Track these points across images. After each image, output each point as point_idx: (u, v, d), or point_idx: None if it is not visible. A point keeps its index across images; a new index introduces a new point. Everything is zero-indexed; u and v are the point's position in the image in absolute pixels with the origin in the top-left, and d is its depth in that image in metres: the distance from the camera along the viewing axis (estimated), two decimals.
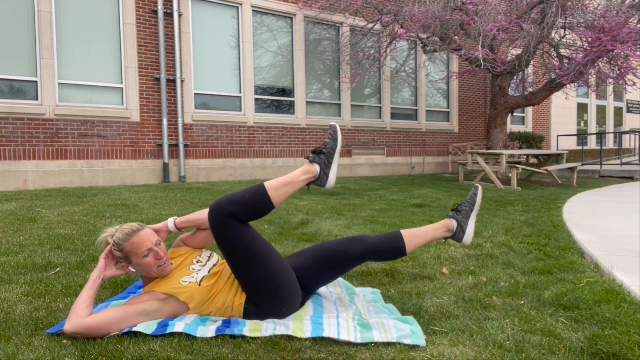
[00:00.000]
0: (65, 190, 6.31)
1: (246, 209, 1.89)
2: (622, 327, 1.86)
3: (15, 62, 6.70)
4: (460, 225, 2.20)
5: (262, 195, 1.93)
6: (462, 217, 2.22)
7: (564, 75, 8.09)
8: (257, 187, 1.95)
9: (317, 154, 2.08)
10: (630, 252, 3.08)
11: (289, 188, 1.99)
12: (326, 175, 2.07)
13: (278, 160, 9.13)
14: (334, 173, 2.09)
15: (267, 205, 1.94)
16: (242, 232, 1.90)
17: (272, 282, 1.91)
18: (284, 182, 1.99)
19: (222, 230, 1.88)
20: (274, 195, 1.94)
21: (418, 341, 1.74)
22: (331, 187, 2.09)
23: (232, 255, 1.91)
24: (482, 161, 8.34)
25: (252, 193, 1.93)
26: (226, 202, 1.88)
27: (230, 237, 1.89)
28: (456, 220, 2.21)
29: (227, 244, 1.90)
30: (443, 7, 8.15)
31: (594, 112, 17.02)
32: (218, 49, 8.49)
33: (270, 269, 1.91)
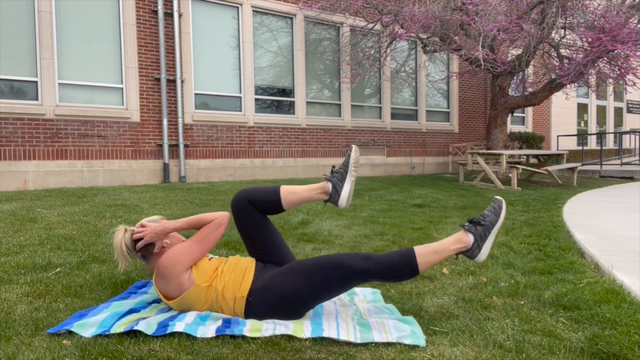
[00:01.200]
0: (65, 190, 6.31)
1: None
2: (622, 327, 1.86)
3: (15, 62, 6.70)
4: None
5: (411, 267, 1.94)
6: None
7: (564, 75, 8.09)
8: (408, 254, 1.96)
9: (474, 224, 2.00)
10: (630, 252, 3.08)
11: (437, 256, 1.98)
12: (479, 248, 1.99)
13: (278, 160, 9.13)
14: (487, 248, 2.00)
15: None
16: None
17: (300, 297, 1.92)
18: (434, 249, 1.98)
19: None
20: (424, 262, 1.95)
21: (418, 341, 1.74)
22: (481, 262, 2.03)
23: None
24: (482, 161, 8.34)
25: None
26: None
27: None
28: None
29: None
30: (443, 7, 8.15)
31: (594, 112, 17.02)
32: (218, 49, 8.49)
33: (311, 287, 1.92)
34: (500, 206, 2.03)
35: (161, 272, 1.92)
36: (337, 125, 9.93)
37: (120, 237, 2.01)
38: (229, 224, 2.02)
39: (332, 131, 9.87)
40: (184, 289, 1.93)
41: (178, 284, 1.92)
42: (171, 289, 1.93)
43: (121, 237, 2.01)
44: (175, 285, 1.92)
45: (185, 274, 1.93)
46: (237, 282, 1.96)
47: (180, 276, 1.92)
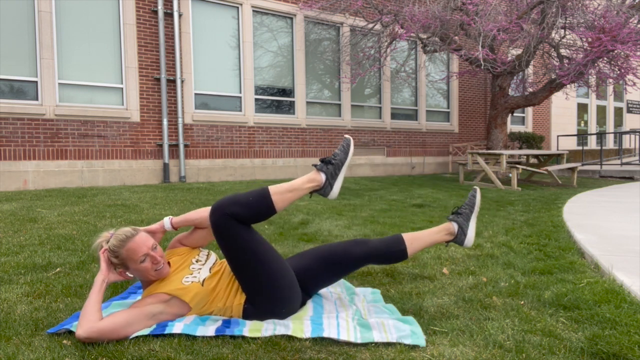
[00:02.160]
0: (65, 190, 6.31)
1: (248, 211, 1.89)
2: (622, 327, 1.86)
3: (15, 62, 6.70)
4: (461, 227, 2.21)
5: (265, 199, 1.92)
6: (463, 219, 2.23)
7: (564, 75, 8.09)
8: (260, 190, 1.95)
9: (325, 163, 2.08)
10: (630, 252, 3.08)
11: (292, 194, 1.98)
12: (330, 185, 2.06)
13: (278, 160, 9.13)
14: (338, 185, 2.08)
15: (269, 210, 1.93)
16: (242, 233, 1.89)
17: (272, 283, 1.91)
18: (288, 188, 1.98)
19: (223, 230, 1.87)
20: (277, 200, 1.94)
21: (418, 341, 1.74)
22: (334, 198, 2.08)
23: (233, 255, 1.91)
24: (482, 161, 8.34)
25: (255, 196, 1.92)
26: (228, 202, 1.88)
27: (231, 238, 1.88)
28: (457, 222, 2.22)
29: (227, 244, 1.89)
30: (443, 7, 8.15)
31: (594, 112, 17.02)
32: (218, 49, 8.49)
33: (271, 270, 1.91)
34: (349, 144, 2.12)
35: None
36: (337, 125, 9.93)
37: (97, 243, 1.95)
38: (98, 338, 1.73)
39: (332, 131, 9.87)
40: (181, 315, 1.90)
41: (171, 315, 1.87)
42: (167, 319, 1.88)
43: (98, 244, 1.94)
44: (169, 317, 1.87)
45: (170, 309, 1.86)
46: (234, 293, 1.97)
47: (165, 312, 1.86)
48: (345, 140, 2.15)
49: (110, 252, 1.88)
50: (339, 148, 2.14)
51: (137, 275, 1.91)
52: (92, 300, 1.78)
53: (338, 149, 2.15)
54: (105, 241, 1.92)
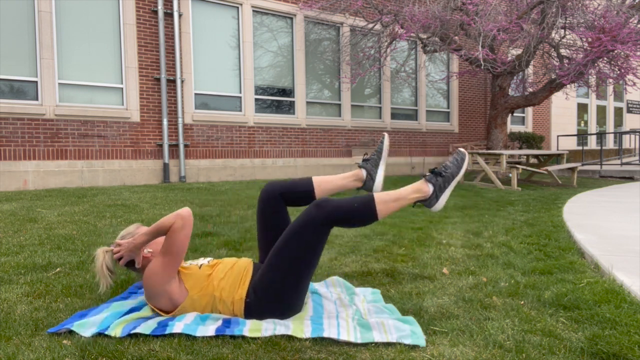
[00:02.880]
0: (65, 190, 6.31)
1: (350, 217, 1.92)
2: (622, 327, 1.86)
3: (15, 62, 6.70)
4: (370, 173, 2.22)
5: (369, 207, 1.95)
6: (371, 165, 2.23)
7: (564, 75, 8.09)
8: (365, 198, 1.97)
9: (435, 174, 2.04)
10: (630, 252, 3.08)
11: (396, 204, 1.99)
12: (437, 198, 2.03)
13: (278, 160, 9.13)
14: (445, 198, 2.05)
15: (371, 218, 1.96)
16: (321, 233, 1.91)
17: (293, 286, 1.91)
18: (393, 197, 1.99)
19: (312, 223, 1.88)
20: (381, 209, 1.96)
21: (418, 341, 1.74)
22: (437, 210, 2.07)
23: (291, 245, 1.89)
24: (482, 161, 8.34)
25: (360, 203, 1.94)
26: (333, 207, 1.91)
27: (311, 231, 1.88)
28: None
29: (300, 233, 1.88)
30: (443, 7, 8.15)
31: (594, 112, 17.02)
32: (218, 49, 8.49)
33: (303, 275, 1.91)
34: (463, 159, 2.07)
35: (148, 292, 1.88)
36: (337, 125, 9.93)
37: (101, 260, 1.94)
38: (191, 221, 1.90)
39: (332, 131, 9.87)
40: (177, 302, 1.90)
41: (169, 298, 1.88)
42: (164, 304, 1.89)
43: (102, 260, 1.94)
44: (166, 299, 1.88)
45: (173, 287, 1.88)
46: (235, 285, 1.95)
47: (167, 291, 1.87)
48: (459, 154, 2.08)
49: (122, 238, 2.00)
50: (451, 161, 2.07)
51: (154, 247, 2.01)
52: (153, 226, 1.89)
53: (450, 161, 2.07)
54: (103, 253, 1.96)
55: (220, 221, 4.23)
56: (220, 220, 4.26)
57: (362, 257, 3.08)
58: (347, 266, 2.86)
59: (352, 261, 2.97)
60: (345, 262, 2.94)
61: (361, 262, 2.95)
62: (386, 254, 3.14)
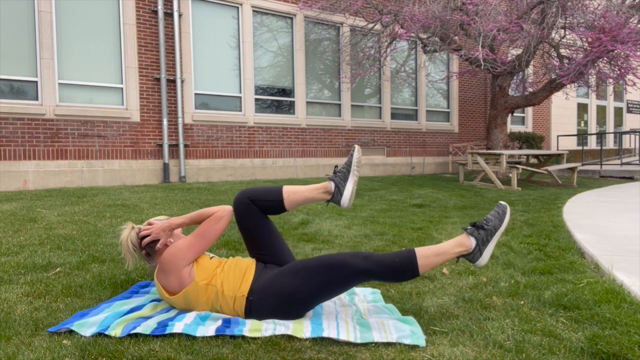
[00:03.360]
0: (65, 190, 6.31)
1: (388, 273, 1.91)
2: (622, 327, 1.86)
3: (15, 62, 6.70)
4: (338, 187, 2.12)
5: (410, 263, 1.92)
6: (340, 179, 2.13)
7: (564, 75, 8.09)
8: (406, 252, 1.96)
9: (477, 228, 2.00)
10: (630, 252, 3.08)
11: (439, 258, 1.96)
12: (480, 252, 1.99)
13: (278, 160, 9.13)
14: (489, 252, 2.00)
15: (413, 273, 1.94)
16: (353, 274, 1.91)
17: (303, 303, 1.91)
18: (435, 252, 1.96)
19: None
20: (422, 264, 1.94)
21: (418, 341, 1.74)
22: (481, 266, 2.03)
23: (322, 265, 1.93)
24: (482, 161, 8.34)
25: (401, 257, 1.93)
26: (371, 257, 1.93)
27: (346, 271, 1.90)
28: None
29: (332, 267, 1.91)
30: (443, 7, 8.15)
31: (594, 112, 17.02)
32: (218, 49, 8.49)
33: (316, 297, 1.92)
34: (505, 211, 2.03)
35: (163, 266, 1.94)
36: (337, 125, 9.93)
37: (127, 234, 2.08)
38: (230, 218, 2.03)
39: (332, 131, 9.87)
40: (184, 284, 1.94)
41: (178, 278, 1.93)
42: (172, 283, 1.94)
43: (127, 234, 2.07)
44: (175, 279, 1.93)
45: (186, 269, 1.94)
46: (238, 281, 1.96)
47: (181, 270, 1.93)
48: (500, 207, 2.04)
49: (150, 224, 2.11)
50: (493, 214, 2.03)
51: None
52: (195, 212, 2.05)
53: (491, 214, 2.04)
54: (130, 228, 2.11)
55: None
56: None
57: None
58: None
59: None
60: None
61: None
62: None
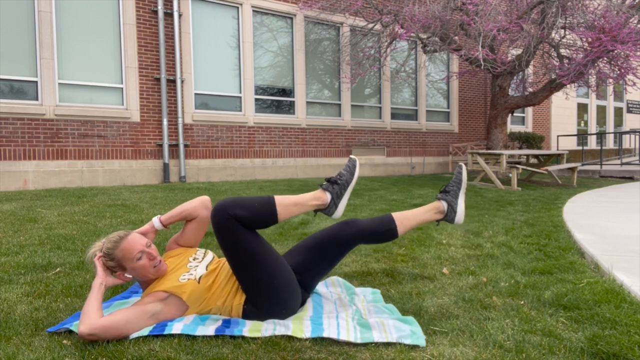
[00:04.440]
0: (65, 190, 6.31)
1: (251, 216, 1.89)
2: (622, 327, 1.86)
3: (15, 62, 6.70)
4: (451, 205, 2.23)
5: (269, 207, 1.93)
6: (451, 197, 2.24)
7: (564, 75, 8.09)
8: (266, 199, 1.96)
9: (331, 183, 2.09)
10: (630, 252, 3.08)
11: (296, 208, 2.00)
12: (335, 205, 2.08)
13: (278, 160, 9.13)
14: (343, 205, 2.10)
15: (272, 218, 1.94)
16: (243, 234, 1.89)
17: (271, 284, 1.91)
18: (293, 202, 1.99)
19: (224, 230, 1.87)
20: (280, 211, 1.95)
21: (418, 341, 1.74)
22: (337, 217, 2.10)
23: (233, 255, 1.91)
24: (482, 161, 8.34)
25: (260, 203, 1.93)
26: (232, 204, 1.87)
27: (231, 238, 1.88)
28: (446, 200, 2.23)
29: (228, 244, 1.89)
30: (443, 7, 8.15)
31: (594, 112, 17.02)
32: (218, 49, 8.49)
33: (271, 271, 1.91)
34: (354, 165, 2.16)
35: None
36: (337, 125, 9.93)
37: (90, 254, 1.94)
38: None
39: (332, 131, 9.87)
40: (178, 316, 1.89)
41: (171, 316, 1.86)
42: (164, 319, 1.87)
43: (91, 254, 1.94)
44: (168, 317, 1.86)
45: (171, 308, 1.85)
46: (233, 293, 1.96)
47: (163, 318, 1.83)
48: (350, 161, 2.17)
49: (105, 256, 1.89)
50: (344, 168, 2.16)
51: (136, 275, 1.91)
52: (92, 299, 1.77)
53: (343, 169, 2.16)
54: (98, 250, 1.92)
55: None
56: None
57: (362, 257, 3.08)
58: (347, 266, 2.86)
59: (352, 261, 2.97)
60: (345, 262, 2.94)
61: (361, 262, 2.95)
62: (386, 254, 3.14)
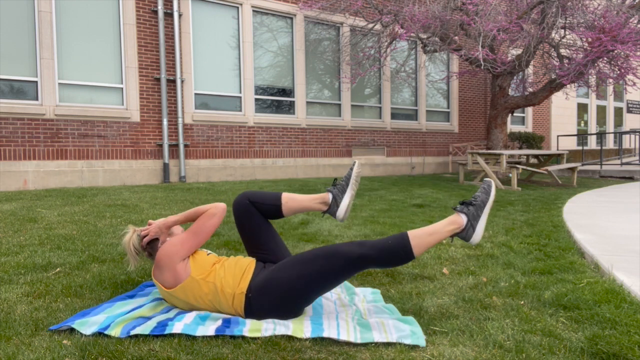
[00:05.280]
0: (65, 190, 6.31)
1: (384, 258, 1.91)
2: (622, 327, 1.86)
3: (15, 62, 6.70)
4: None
5: (404, 245, 1.95)
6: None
7: (564, 75, 8.09)
8: (399, 236, 1.97)
9: (465, 204, 2.04)
10: (630, 252, 3.08)
11: (432, 238, 1.99)
12: (473, 228, 2.02)
13: (278, 160, 9.13)
14: (481, 227, 2.03)
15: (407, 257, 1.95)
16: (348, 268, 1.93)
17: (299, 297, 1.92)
18: (428, 232, 2.00)
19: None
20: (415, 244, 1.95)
21: (418, 341, 1.74)
22: (476, 242, 2.03)
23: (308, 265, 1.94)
24: (482, 161, 8.34)
25: (394, 240, 1.95)
26: (367, 244, 1.94)
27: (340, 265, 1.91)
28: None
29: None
30: (443, 7, 8.15)
31: (594, 112, 17.02)
32: (218, 49, 8.49)
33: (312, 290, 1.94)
34: (490, 186, 2.10)
35: (158, 262, 1.97)
36: (337, 125, 9.93)
37: (128, 237, 2.12)
38: (224, 215, 2.08)
39: (332, 131, 9.87)
40: (180, 279, 1.95)
41: (174, 273, 1.95)
42: (168, 279, 1.96)
43: (129, 238, 2.12)
44: (170, 275, 1.95)
45: (180, 265, 1.97)
46: (237, 278, 1.97)
47: (176, 265, 1.96)
48: (486, 183, 2.10)
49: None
50: (480, 190, 2.09)
51: None
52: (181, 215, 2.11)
53: (479, 191, 2.10)
54: (132, 231, 2.14)
55: None
56: None
57: None
58: None
59: None
60: None
61: None
62: None
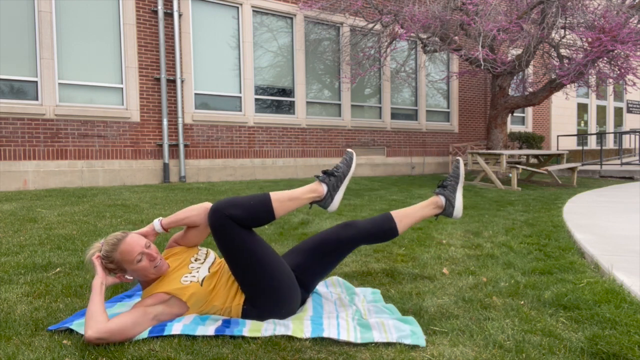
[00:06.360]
0: (65, 190, 6.31)
1: (247, 214, 1.89)
2: (622, 327, 1.86)
3: (15, 62, 6.70)
4: (449, 199, 2.24)
5: (265, 205, 1.94)
6: (449, 191, 2.26)
7: (564, 75, 8.09)
8: (261, 196, 1.97)
9: (327, 174, 2.11)
10: (630, 252, 3.08)
11: (292, 203, 2.01)
12: (331, 197, 2.09)
13: (278, 160, 9.13)
14: (339, 197, 2.11)
15: (268, 215, 1.95)
16: (241, 235, 1.89)
17: (271, 284, 1.91)
18: (289, 196, 2.00)
19: (222, 231, 1.87)
20: (277, 207, 1.96)
21: (418, 341, 1.74)
22: (333, 210, 2.11)
23: (231, 256, 1.91)
24: (482, 161, 8.34)
25: (256, 200, 1.93)
26: (228, 204, 1.88)
27: (229, 239, 1.88)
28: (443, 195, 2.25)
29: (226, 245, 1.89)
30: (443, 7, 8.15)
31: (594, 112, 17.02)
32: (218, 49, 8.49)
33: (270, 270, 1.91)
34: (352, 158, 2.17)
35: None
36: (337, 125, 9.93)
37: (89, 255, 1.92)
38: None
39: (332, 131, 9.87)
40: (183, 314, 1.89)
41: (172, 317, 1.86)
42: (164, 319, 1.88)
43: (90, 256, 1.92)
44: (169, 317, 1.86)
45: (173, 309, 1.86)
46: (234, 293, 1.96)
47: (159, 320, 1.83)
48: (347, 154, 2.18)
49: (104, 258, 1.86)
50: (342, 161, 2.18)
51: (136, 276, 1.90)
52: (95, 301, 1.74)
53: (340, 161, 2.18)
54: (97, 250, 1.90)
55: None
56: None
57: (362, 257, 3.08)
58: (347, 266, 2.86)
59: (352, 261, 2.97)
60: (345, 262, 2.95)
61: (361, 262, 2.95)
62: (386, 254, 3.14)
